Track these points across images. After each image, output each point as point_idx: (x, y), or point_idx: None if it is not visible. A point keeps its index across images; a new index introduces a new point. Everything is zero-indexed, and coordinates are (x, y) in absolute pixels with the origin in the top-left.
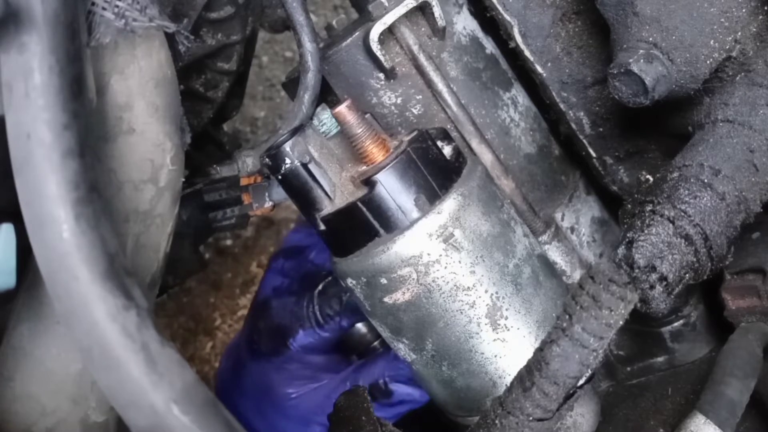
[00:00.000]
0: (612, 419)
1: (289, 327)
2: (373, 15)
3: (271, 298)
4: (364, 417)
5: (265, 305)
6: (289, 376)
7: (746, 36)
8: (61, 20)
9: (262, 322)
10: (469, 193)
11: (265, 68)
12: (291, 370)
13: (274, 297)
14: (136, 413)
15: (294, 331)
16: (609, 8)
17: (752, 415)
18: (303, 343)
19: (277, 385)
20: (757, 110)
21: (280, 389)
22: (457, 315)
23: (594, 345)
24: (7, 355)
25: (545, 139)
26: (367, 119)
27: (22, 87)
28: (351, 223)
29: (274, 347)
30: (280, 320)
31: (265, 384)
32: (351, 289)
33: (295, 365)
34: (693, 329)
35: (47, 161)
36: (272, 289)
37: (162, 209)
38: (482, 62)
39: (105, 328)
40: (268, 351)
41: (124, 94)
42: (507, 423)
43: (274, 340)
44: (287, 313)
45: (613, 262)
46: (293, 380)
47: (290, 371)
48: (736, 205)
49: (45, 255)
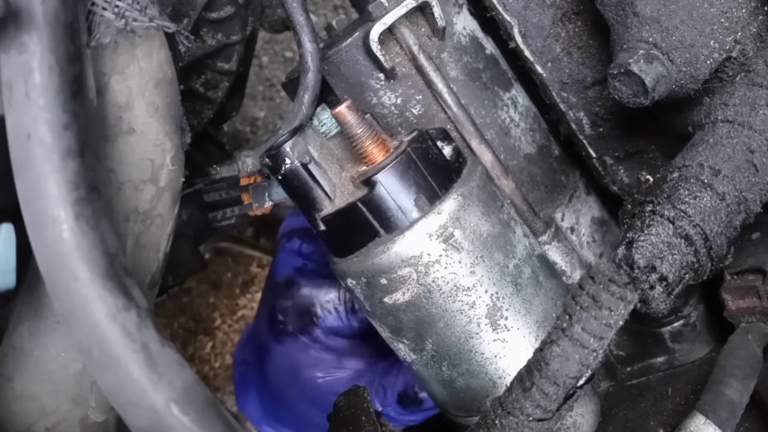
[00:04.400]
0: (612, 419)
1: (321, 307)
2: (373, 15)
3: (296, 278)
4: (364, 417)
5: (290, 284)
6: (314, 358)
7: (746, 36)
8: (61, 20)
9: (289, 301)
10: (469, 193)
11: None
12: (316, 351)
13: (300, 276)
14: (136, 413)
15: (326, 312)
16: (609, 8)
17: (752, 415)
18: (331, 325)
19: (304, 366)
20: (757, 110)
21: (306, 371)
22: (457, 315)
23: (594, 345)
24: (7, 355)
25: (545, 139)
26: (367, 119)
27: (22, 87)
28: (351, 223)
29: (302, 325)
30: (311, 298)
31: (290, 366)
32: (351, 290)
33: (320, 346)
34: (693, 329)
35: (47, 161)
36: (294, 269)
37: (162, 209)
38: (482, 62)
39: (105, 328)
40: (296, 328)
41: (124, 94)
42: (507, 423)
43: (302, 318)
44: (320, 293)
45: (613, 262)
46: (319, 362)
47: (315, 352)
48: (736, 206)
49: (45, 255)
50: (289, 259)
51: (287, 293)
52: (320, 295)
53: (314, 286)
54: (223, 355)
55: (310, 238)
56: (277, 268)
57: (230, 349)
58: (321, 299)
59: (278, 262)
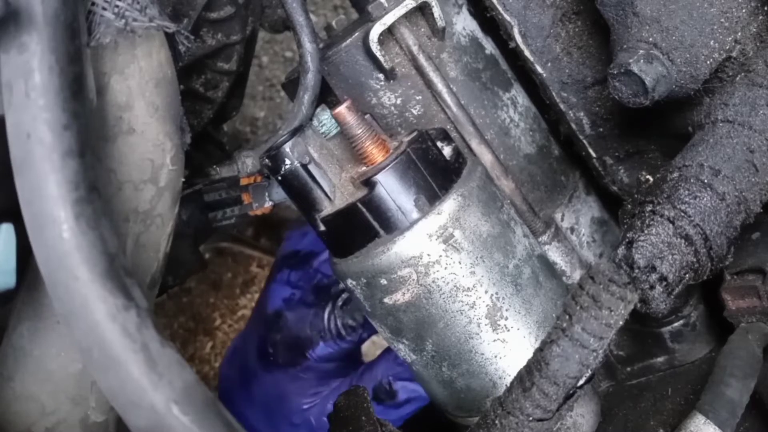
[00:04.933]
0: (612, 419)
1: (309, 339)
2: (372, 15)
3: (283, 310)
4: (364, 417)
5: (278, 317)
6: (304, 386)
7: (746, 36)
8: (61, 20)
9: (278, 335)
10: (468, 193)
11: (265, 68)
12: (307, 380)
13: (287, 309)
14: (136, 413)
15: (314, 343)
16: (609, 8)
17: (752, 415)
18: (322, 354)
19: (292, 395)
20: (757, 110)
21: (294, 400)
22: (457, 315)
23: (594, 345)
24: (7, 355)
25: (545, 139)
26: (366, 120)
27: (22, 87)
28: (351, 223)
29: (291, 358)
30: (298, 332)
31: (278, 395)
32: (351, 290)
33: (311, 374)
34: (693, 329)
35: (47, 161)
36: (283, 301)
37: (162, 209)
38: (482, 62)
39: (105, 328)
40: (285, 362)
41: (124, 94)
42: (507, 423)
43: (291, 351)
44: (306, 325)
45: (613, 262)
46: (308, 390)
47: (306, 381)
48: (736, 206)
49: (45, 255)
50: (280, 290)
51: (275, 326)
52: (306, 328)
53: (299, 319)
54: (223, 355)
55: (298, 265)
56: (268, 298)
57: None
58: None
59: (269, 293)
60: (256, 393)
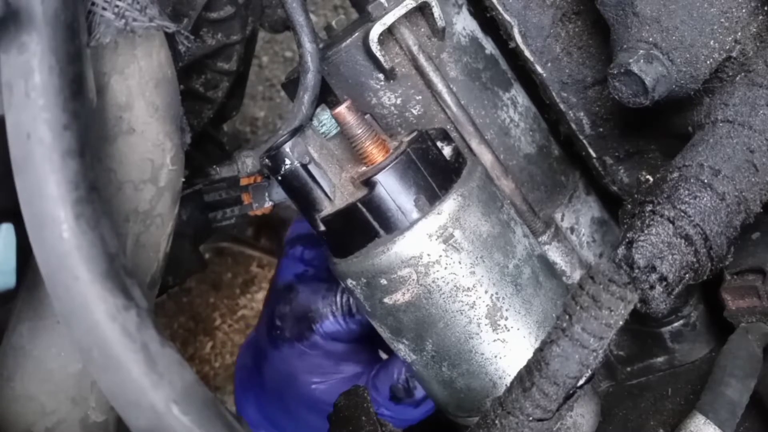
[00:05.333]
0: (612, 419)
1: (318, 312)
2: (372, 15)
3: (295, 283)
4: (364, 417)
5: (289, 290)
6: (312, 364)
7: (746, 36)
8: (61, 20)
9: (287, 307)
10: (468, 193)
11: (265, 68)
12: (314, 357)
13: (299, 282)
14: (136, 413)
15: (323, 317)
16: (609, 8)
17: (752, 415)
18: (329, 330)
19: (300, 372)
20: (757, 110)
21: (303, 377)
22: (457, 315)
23: (594, 345)
24: (7, 355)
25: (545, 139)
26: (366, 120)
27: (22, 87)
28: (351, 223)
29: (299, 331)
30: (308, 304)
31: (287, 372)
32: (351, 290)
33: (318, 352)
34: (693, 329)
35: (47, 161)
36: (295, 276)
37: (162, 209)
38: (482, 62)
39: (105, 328)
40: (293, 335)
41: (124, 94)
42: (507, 423)
43: (299, 324)
44: (318, 298)
45: (613, 262)
46: (316, 368)
47: (313, 358)
48: (736, 206)
49: (45, 255)
50: (291, 265)
51: (286, 299)
52: (318, 301)
53: (312, 292)
54: (223, 355)
55: (312, 245)
56: (279, 274)
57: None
58: (318, 304)
59: (280, 268)
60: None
